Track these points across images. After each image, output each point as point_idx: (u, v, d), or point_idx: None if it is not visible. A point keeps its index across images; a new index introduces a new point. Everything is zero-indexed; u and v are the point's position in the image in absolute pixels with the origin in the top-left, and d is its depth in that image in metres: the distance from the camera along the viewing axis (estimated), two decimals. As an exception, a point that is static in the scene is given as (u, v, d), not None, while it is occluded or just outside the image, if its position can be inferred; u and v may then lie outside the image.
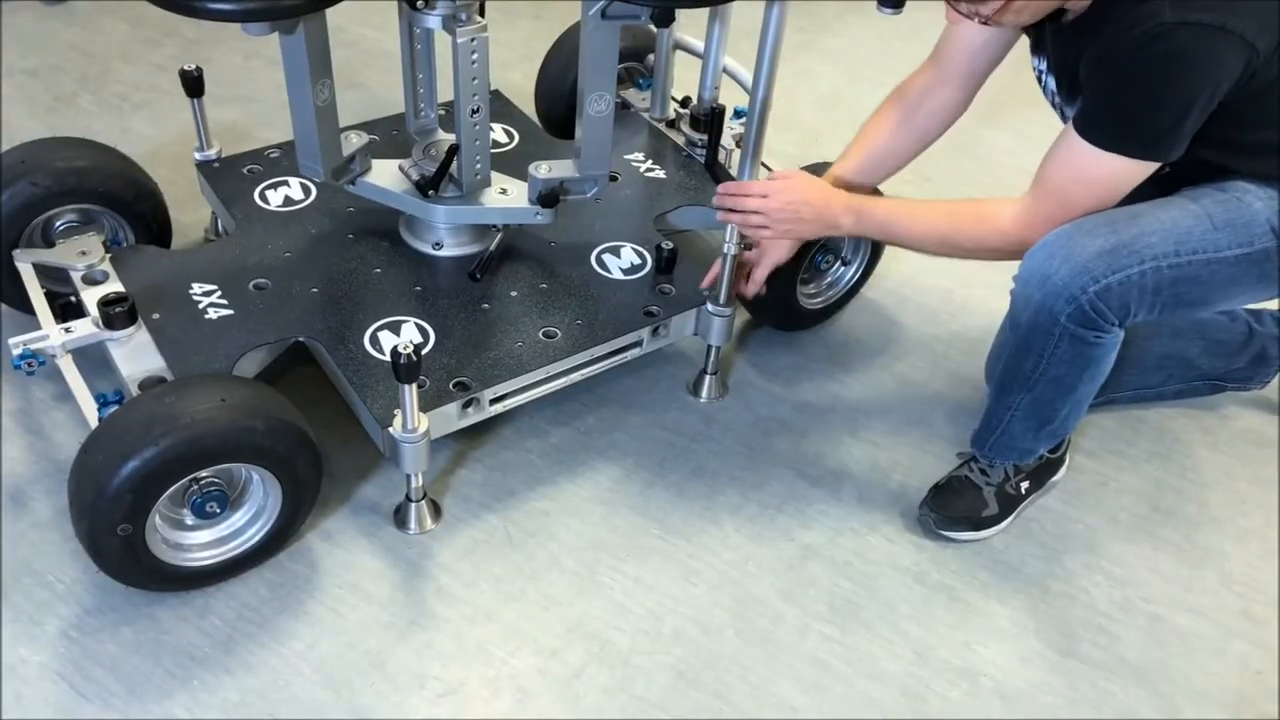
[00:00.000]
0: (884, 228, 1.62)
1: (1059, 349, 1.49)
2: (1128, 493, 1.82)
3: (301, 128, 1.65)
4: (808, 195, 1.63)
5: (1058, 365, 1.52)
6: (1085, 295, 1.42)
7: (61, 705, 1.40)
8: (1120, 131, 1.39)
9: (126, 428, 1.38)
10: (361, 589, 1.56)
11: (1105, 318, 1.44)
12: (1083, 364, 1.51)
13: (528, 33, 2.84)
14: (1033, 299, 1.47)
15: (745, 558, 1.66)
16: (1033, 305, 1.47)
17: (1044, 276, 1.45)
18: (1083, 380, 1.55)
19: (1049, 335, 1.48)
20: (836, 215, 1.62)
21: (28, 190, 1.71)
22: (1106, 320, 1.45)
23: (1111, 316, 1.45)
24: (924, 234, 1.59)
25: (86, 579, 1.53)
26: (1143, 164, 1.41)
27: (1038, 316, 1.47)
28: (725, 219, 1.68)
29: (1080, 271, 1.42)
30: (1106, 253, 1.41)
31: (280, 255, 1.80)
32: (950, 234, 1.56)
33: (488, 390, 1.62)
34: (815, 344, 2.05)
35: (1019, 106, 2.72)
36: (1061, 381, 1.54)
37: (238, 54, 2.75)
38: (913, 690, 1.51)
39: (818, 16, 3.11)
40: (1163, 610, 1.65)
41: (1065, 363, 1.51)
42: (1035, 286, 1.46)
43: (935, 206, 1.59)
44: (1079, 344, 1.48)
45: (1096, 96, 1.41)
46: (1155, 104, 1.35)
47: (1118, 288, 1.42)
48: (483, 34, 1.59)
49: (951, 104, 1.71)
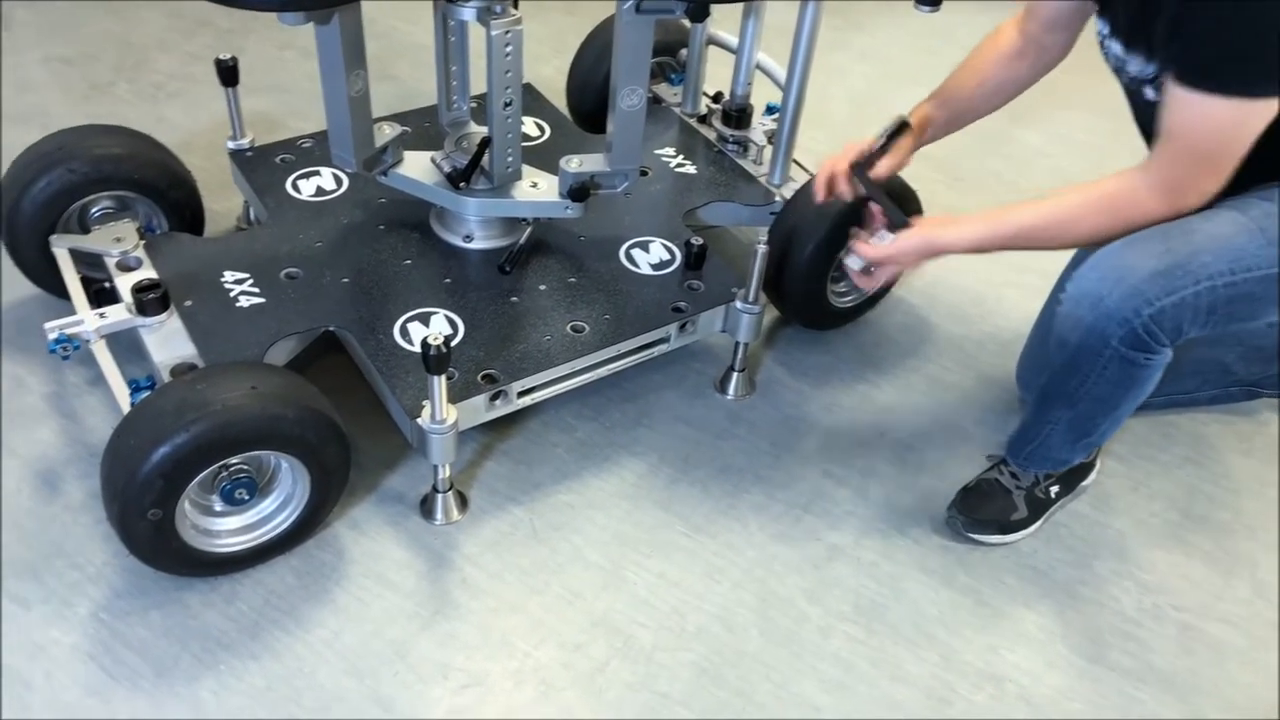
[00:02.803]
0: (1018, 244, 1.50)
1: (1107, 370, 1.46)
2: (1159, 498, 1.80)
3: (334, 118, 1.65)
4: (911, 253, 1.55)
5: (1104, 385, 1.48)
6: (1139, 319, 1.38)
7: (91, 686, 1.41)
8: (1239, 68, 1.28)
9: (158, 413, 1.39)
10: (387, 578, 1.57)
11: (1157, 339, 1.41)
12: (1129, 384, 1.48)
13: (559, 26, 2.84)
14: (1083, 320, 1.43)
15: (770, 556, 1.65)
16: (1083, 326, 1.43)
17: (1096, 299, 1.41)
18: (1127, 399, 1.52)
19: (1098, 356, 1.45)
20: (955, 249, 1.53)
21: (65, 177, 1.73)
22: (1158, 342, 1.41)
23: (1164, 338, 1.41)
24: (1074, 242, 1.52)
25: (117, 562, 1.54)
26: (1265, 102, 1.29)
27: (1088, 338, 1.43)
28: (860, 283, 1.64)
29: (1133, 294, 1.38)
30: (1160, 274, 1.37)
31: (312, 245, 1.81)
32: (1096, 232, 1.44)
33: (515, 383, 1.62)
34: (845, 343, 2.04)
35: (1050, 107, 2.71)
36: (1105, 400, 1.51)
37: (271, 44, 2.77)
38: (937, 693, 1.50)
39: (852, 15, 3.09)
40: (1193, 618, 1.63)
41: (1112, 383, 1.48)
42: (1087, 308, 1.42)
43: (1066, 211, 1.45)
44: (1128, 365, 1.45)
45: (1197, 39, 1.30)
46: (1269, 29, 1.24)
47: (1171, 309, 1.38)
48: (517, 27, 1.59)
49: (1061, 49, 1.63)
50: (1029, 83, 1.68)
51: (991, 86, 1.68)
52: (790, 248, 1.83)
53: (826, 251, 1.83)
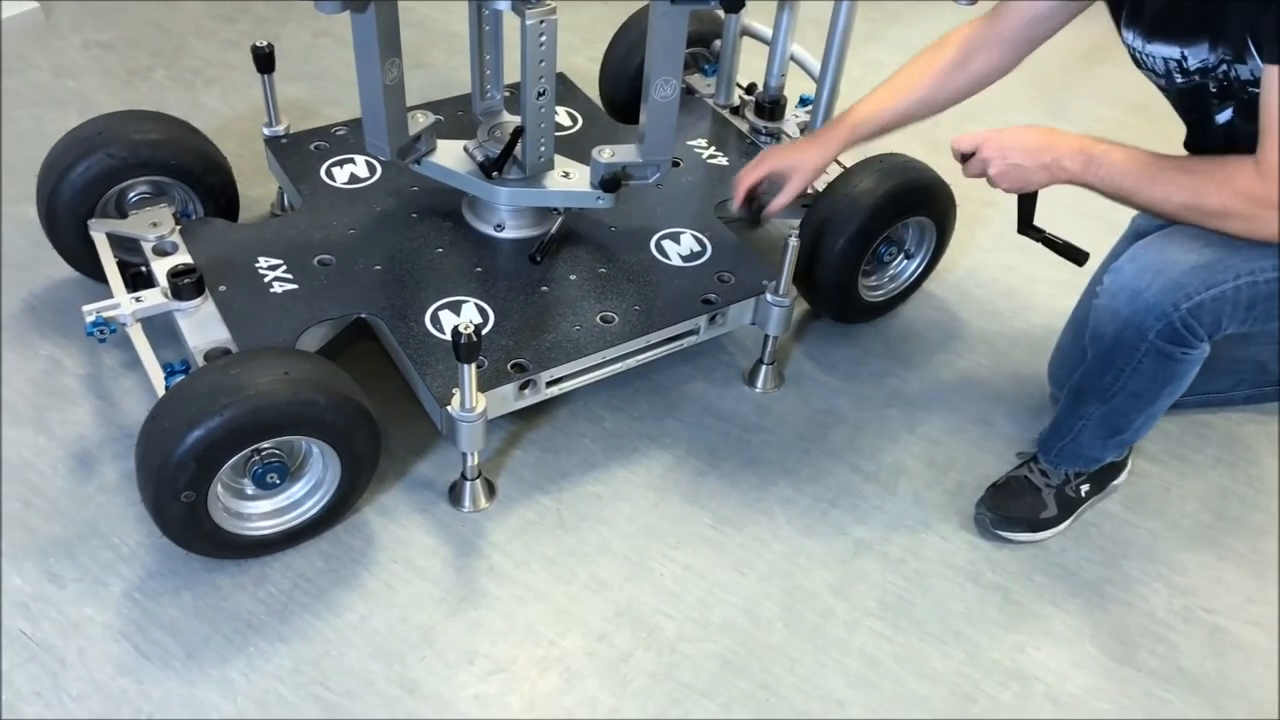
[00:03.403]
0: (1115, 183, 1.42)
1: (1143, 364, 1.45)
2: (1191, 499, 1.78)
3: (369, 106, 1.66)
4: (1020, 138, 1.49)
5: (1139, 380, 1.47)
6: (1178, 312, 1.37)
7: (124, 664, 1.43)
8: None
9: (193, 397, 1.41)
10: (415, 564, 1.58)
11: (1195, 334, 1.39)
12: (1165, 379, 1.47)
13: (593, 16, 2.84)
14: (1120, 313, 1.41)
15: (796, 550, 1.65)
16: (1119, 320, 1.42)
17: (1134, 292, 1.39)
18: (1162, 395, 1.50)
19: (1134, 350, 1.43)
20: (1060, 157, 1.45)
21: (104, 161, 1.75)
22: (1196, 336, 1.40)
23: (1202, 332, 1.39)
24: (1165, 196, 1.40)
25: (150, 543, 1.57)
26: None
27: (1124, 331, 1.42)
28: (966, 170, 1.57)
29: (1173, 288, 1.36)
30: (1201, 267, 1.36)
31: (345, 232, 1.82)
32: (1195, 198, 1.37)
33: (545, 373, 1.63)
34: (875, 337, 2.03)
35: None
36: (1141, 395, 1.50)
37: (307, 32, 2.79)
38: (962, 690, 1.49)
39: (888, 7, 3.07)
40: (1224, 621, 1.61)
41: (1147, 378, 1.47)
42: (1124, 302, 1.41)
43: (1175, 166, 1.40)
44: (1164, 360, 1.43)
45: None
46: None
47: (1211, 304, 1.36)
48: (552, 16, 1.59)
49: (999, 66, 1.64)
50: (997, 79, 1.66)
51: (934, 97, 1.68)
52: (822, 241, 1.82)
53: (858, 245, 1.82)
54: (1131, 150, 1.42)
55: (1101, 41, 2.90)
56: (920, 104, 1.70)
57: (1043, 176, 1.48)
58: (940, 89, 1.68)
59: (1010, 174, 1.49)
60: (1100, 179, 1.43)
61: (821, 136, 1.77)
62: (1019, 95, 2.64)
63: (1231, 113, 1.40)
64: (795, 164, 1.75)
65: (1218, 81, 1.38)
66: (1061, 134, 1.47)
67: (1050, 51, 1.66)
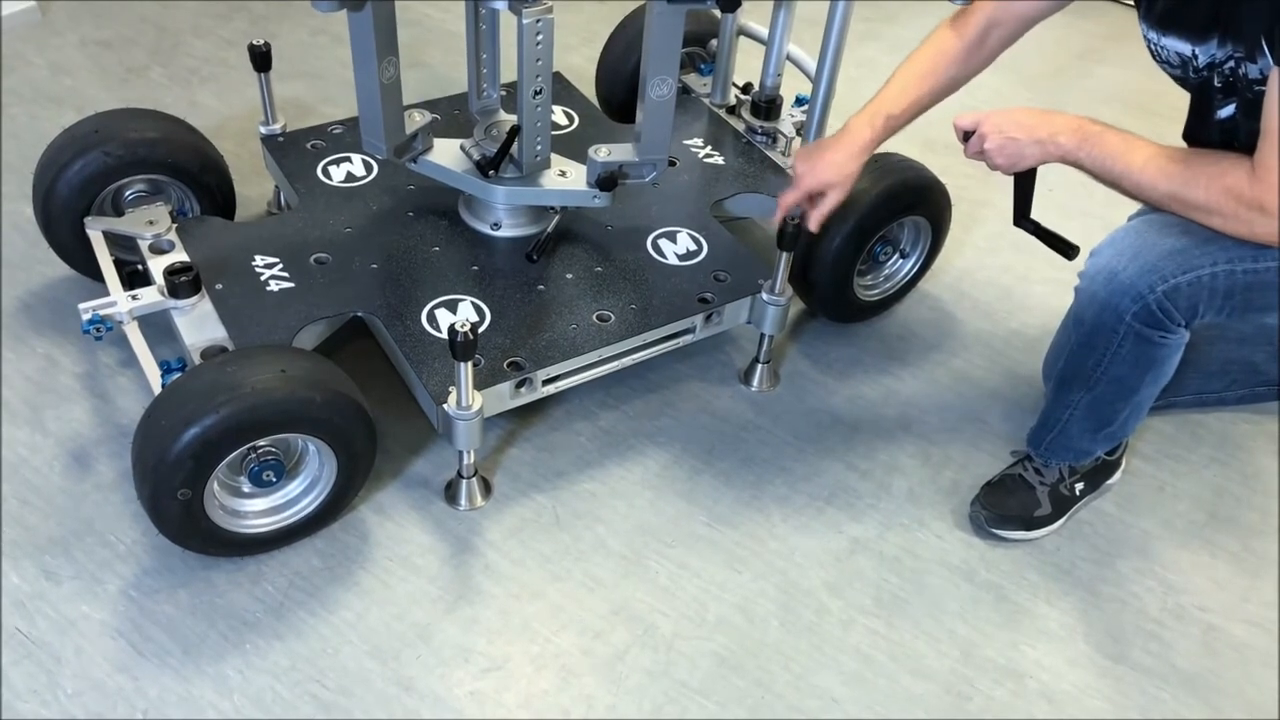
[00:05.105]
0: (1106, 164, 1.43)
1: (1122, 348, 1.47)
2: (1185, 498, 1.79)
3: (365, 105, 1.67)
4: (1018, 115, 1.50)
5: (1120, 365, 1.49)
6: (1153, 294, 1.39)
7: (120, 662, 1.44)
8: None
9: (189, 395, 1.41)
10: (411, 562, 1.59)
11: (1172, 318, 1.41)
12: (1146, 365, 1.49)
13: (589, 15, 2.84)
14: (1098, 295, 1.44)
15: (792, 548, 1.66)
16: (1097, 302, 1.44)
17: (1111, 273, 1.42)
18: (1145, 382, 1.52)
19: (1113, 333, 1.45)
20: (1056, 133, 1.46)
21: (100, 160, 1.75)
22: (1173, 320, 1.42)
23: (1179, 317, 1.41)
24: (1151, 183, 1.40)
25: (146, 541, 1.57)
26: None
27: (1102, 314, 1.45)
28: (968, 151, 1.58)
29: (1149, 270, 1.39)
30: (1178, 252, 1.38)
31: (341, 230, 1.82)
32: (1181, 189, 1.38)
33: (541, 371, 1.63)
34: (870, 337, 2.03)
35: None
36: (1123, 382, 1.51)
37: (304, 30, 2.79)
38: (956, 688, 1.50)
39: (884, 7, 3.07)
40: (1217, 619, 1.61)
41: (1128, 363, 1.48)
42: (1101, 283, 1.43)
43: (1166, 155, 1.40)
44: (1143, 344, 1.45)
45: None
46: None
47: (1187, 288, 1.39)
48: (548, 15, 1.59)
49: (1007, 41, 1.63)
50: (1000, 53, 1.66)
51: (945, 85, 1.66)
52: (817, 240, 1.82)
53: (854, 244, 1.83)
54: (1126, 134, 1.43)
55: (1097, 42, 2.91)
56: (951, 83, 1.67)
57: (1035, 151, 1.49)
58: (965, 65, 1.65)
59: (1006, 148, 1.50)
60: (1092, 159, 1.44)
61: (847, 142, 1.67)
62: (1015, 96, 2.64)
63: (1234, 109, 1.41)
64: (829, 181, 1.69)
65: (1223, 77, 1.39)
66: (1060, 114, 1.49)
67: (1046, 52, 1.67)
